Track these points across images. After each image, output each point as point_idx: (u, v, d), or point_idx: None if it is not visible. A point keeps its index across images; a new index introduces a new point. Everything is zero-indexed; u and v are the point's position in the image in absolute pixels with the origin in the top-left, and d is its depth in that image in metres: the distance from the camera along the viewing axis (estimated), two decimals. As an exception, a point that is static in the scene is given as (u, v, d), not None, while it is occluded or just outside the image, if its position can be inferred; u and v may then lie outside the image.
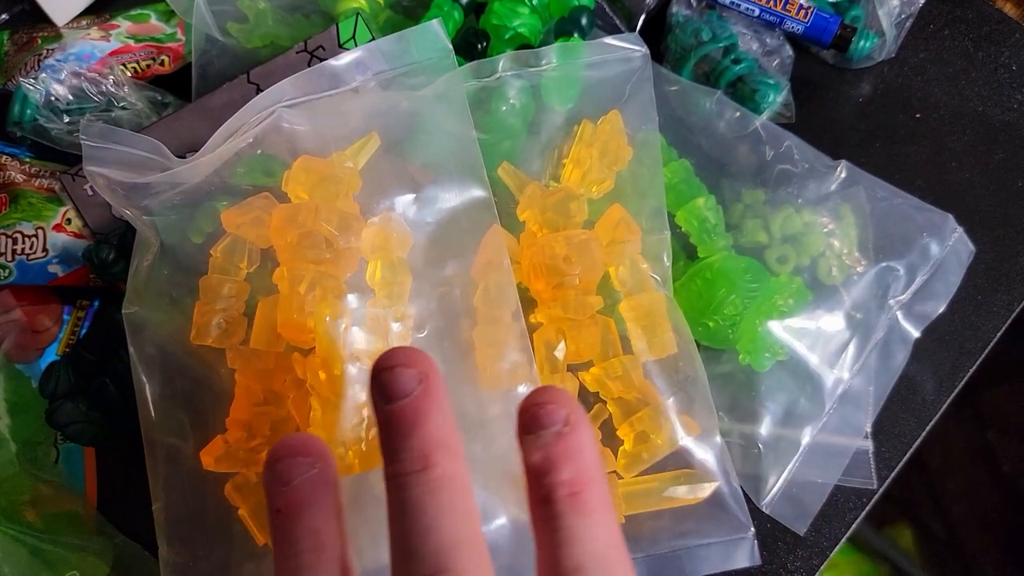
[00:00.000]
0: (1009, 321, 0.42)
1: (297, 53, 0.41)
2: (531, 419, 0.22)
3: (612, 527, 0.21)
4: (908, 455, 0.40)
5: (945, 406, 0.40)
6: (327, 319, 0.33)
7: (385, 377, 0.22)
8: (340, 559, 0.22)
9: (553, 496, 0.21)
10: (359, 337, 0.34)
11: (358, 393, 0.34)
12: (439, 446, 0.22)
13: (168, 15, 0.45)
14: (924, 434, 0.40)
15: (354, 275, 0.35)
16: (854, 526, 0.38)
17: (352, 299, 0.35)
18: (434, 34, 0.37)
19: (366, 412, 0.34)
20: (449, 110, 0.36)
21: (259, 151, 0.35)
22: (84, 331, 0.41)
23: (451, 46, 0.37)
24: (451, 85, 0.36)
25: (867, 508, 0.39)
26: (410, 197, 0.36)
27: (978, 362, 0.41)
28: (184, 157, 0.36)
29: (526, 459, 0.22)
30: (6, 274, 0.40)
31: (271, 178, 0.36)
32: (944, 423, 0.40)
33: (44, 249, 0.40)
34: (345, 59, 0.36)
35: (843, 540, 0.38)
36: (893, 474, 0.39)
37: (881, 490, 0.39)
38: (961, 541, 1.04)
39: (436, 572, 0.20)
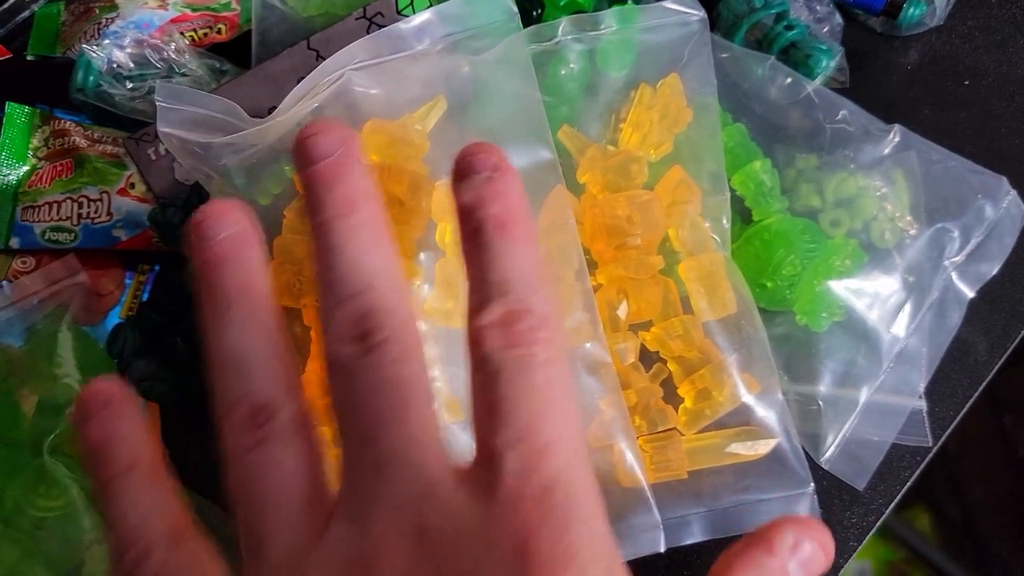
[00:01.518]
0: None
1: (356, 20, 0.41)
2: (464, 166, 0.24)
3: (536, 258, 0.23)
4: (961, 415, 0.40)
5: (998, 367, 0.41)
6: None
7: (308, 143, 0.24)
8: (266, 306, 0.23)
9: (483, 227, 0.22)
10: (430, 296, 0.35)
11: (430, 349, 0.34)
12: (361, 194, 0.23)
13: (223, -15, 0.46)
14: (977, 394, 0.41)
15: (424, 236, 0.36)
16: (909, 483, 0.39)
17: (423, 258, 0.35)
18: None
19: (438, 370, 0.35)
20: (514, 73, 0.37)
21: (328, 114, 0.36)
22: (146, 295, 0.42)
23: (516, 9, 0.37)
24: (515, 48, 0.37)
25: (922, 466, 0.39)
26: None
27: (1030, 324, 0.41)
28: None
29: (458, 201, 0.23)
30: (72, 238, 0.40)
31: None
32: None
33: (108, 213, 0.40)
34: (411, 23, 0.36)
35: (898, 497, 0.39)
36: (947, 433, 0.40)
37: (935, 449, 0.39)
38: (977, 524, 1.05)
39: (356, 294, 0.21)
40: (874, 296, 0.39)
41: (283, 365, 0.22)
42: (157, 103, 0.34)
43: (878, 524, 0.39)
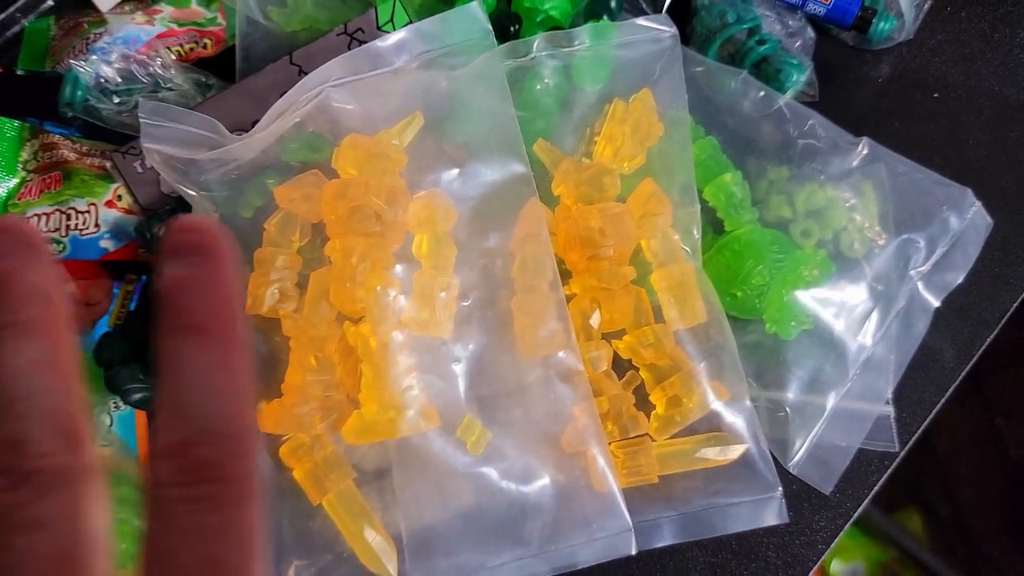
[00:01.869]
0: (1025, 293, 0.43)
1: (337, 35, 0.42)
2: (170, 246, 0.19)
3: (236, 373, 0.18)
4: (928, 421, 0.41)
5: (964, 374, 0.42)
6: (377, 288, 0.35)
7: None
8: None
9: (174, 332, 0.18)
10: (407, 306, 0.36)
11: (406, 358, 0.35)
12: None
13: (208, 0, 0.47)
14: (943, 402, 0.42)
15: (401, 248, 0.37)
16: (876, 488, 0.40)
17: (399, 270, 0.36)
18: (474, 15, 0.38)
19: (414, 378, 0.36)
20: (489, 89, 0.38)
21: (309, 129, 0.37)
22: (133, 304, 0.43)
23: (490, 27, 0.38)
24: (491, 64, 0.38)
25: (889, 471, 0.40)
26: (453, 173, 0.38)
27: (994, 331, 0.42)
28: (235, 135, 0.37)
29: (157, 287, 0.19)
30: (60, 248, 0.41)
31: (317, 154, 0.38)
32: (952, 408, 0.41)
33: (96, 224, 0.41)
34: (389, 40, 0.38)
35: (866, 501, 0.40)
36: (913, 439, 0.41)
37: (903, 454, 0.40)
38: (969, 525, 1.06)
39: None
40: (842, 305, 0.40)
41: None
42: (140, 120, 0.35)
43: (846, 528, 0.40)
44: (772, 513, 0.37)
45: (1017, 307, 0.43)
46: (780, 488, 0.37)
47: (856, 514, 0.40)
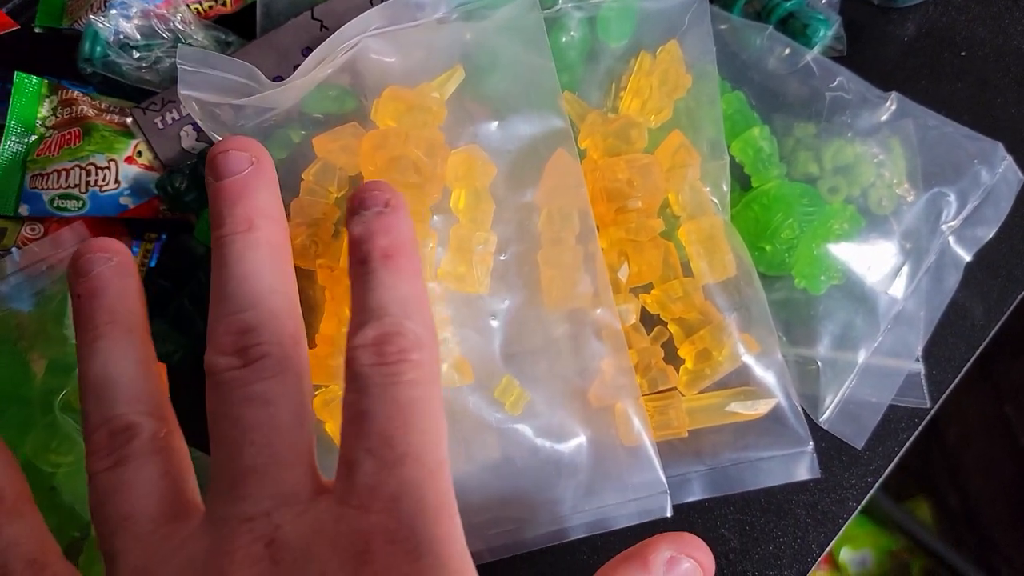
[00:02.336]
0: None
1: (359, -11, 0.42)
2: (357, 203, 0.25)
3: (419, 288, 0.23)
4: (959, 378, 0.41)
5: (994, 331, 0.41)
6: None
7: (217, 159, 0.25)
8: (136, 333, 0.24)
9: (369, 256, 0.23)
10: (444, 259, 0.35)
11: (442, 311, 0.35)
12: (264, 214, 0.24)
13: (227, -41, 0.46)
14: (974, 358, 0.41)
15: (439, 202, 0.36)
16: (907, 445, 0.40)
17: (438, 222, 0.36)
18: None
19: (450, 331, 0.35)
20: (527, 42, 0.37)
21: (344, 80, 0.36)
22: (153, 263, 0.42)
23: None
24: (528, 18, 0.37)
25: (919, 428, 0.40)
26: (492, 127, 0.37)
27: (1026, 289, 0.42)
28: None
29: (349, 233, 0.24)
30: (80, 205, 0.41)
31: (341, 106, 0.38)
32: (961, 397, 0.40)
33: (116, 181, 0.41)
34: None
35: (897, 458, 0.39)
36: (944, 396, 0.40)
37: (933, 411, 0.40)
38: (978, 514, 1.05)
39: (240, 310, 0.22)
40: (872, 260, 0.40)
41: (148, 387, 0.23)
42: (179, 66, 0.34)
43: (877, 484, 0.39)
44: (804, 467, 0.37)
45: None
46: (811, 443, 0.37)
47: (887, 472, 0.39)
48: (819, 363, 0.39)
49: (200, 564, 0.20)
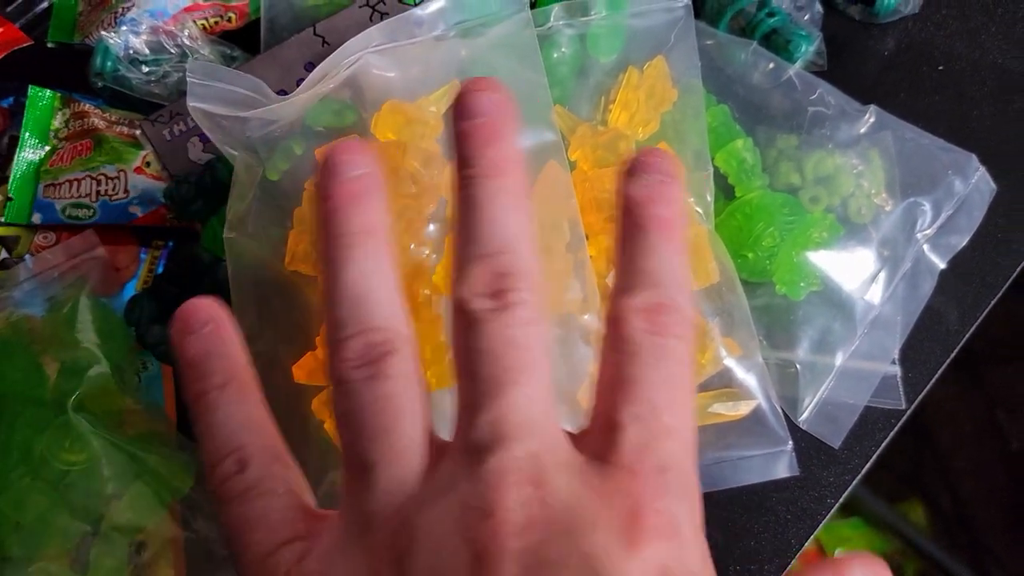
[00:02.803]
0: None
1: (359, 7, 0.44)
2: (639, 165, 0.24)
3: (688, 269, 0.23)
4: (933, 380, 0.42)
5: (968, 335, 0.43)
6: (411, 247, 0.36)
7: (471, 96, 0.24)
8: (388, 247, 0.23)
9: (648, 223, 0.23)
10: (439, 266, 0.37)
11: (436, 316, 0.36)
12: (513, 161, 0.24)
13: (232, -24, 0.48)
14: (947, 363, 0.43)
15: (435, 212, 0.38)
16: (884, 445, 0.41)
17: (434, 231, 0.38)
18: None
19: (442, 337, 0.37)
20: (522, 57, 0.39)
21: (345, 94, 0.38)
22: (160, 269, 0.44)
23: None
24: (523, 32, 0.39)
25: (895, 429, 0.41)
26: None
27: (998, 295, 0.44)
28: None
29: (628, 192, 0.23)
30: (91, 214, 0.42)
31: (341, 120, 0.39)
32: (953, 401, 0.42)
33: (125, 190, 0.43)
34: (428, 9, 0.39)
35: (873, 458, 0.41)
36: (919, 398, 0.42)
37: (908, 412, 0.42)
38: (971, 517, 1.07)
39: (498, 252, 0.22)
40: (850, 267, 0.41)
41: (401, 308, 0.22)
42: (189, 79, 0.36)
43: (855, 482, 0.41)
44: (783, 466, 0.39)
45: (1018, 297, 0.44)
46: (791, 442, 0.39)
47: (864, 470, 0.41)
48: (798, 366, 0.40)
49: (466, 495, 0.19)
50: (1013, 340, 1.09)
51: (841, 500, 0.41)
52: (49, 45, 0.47)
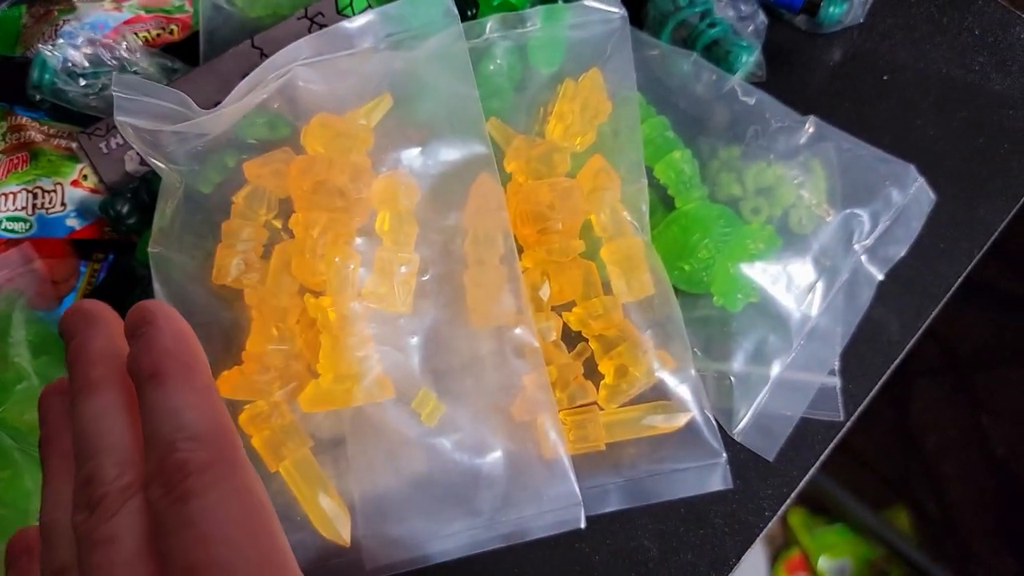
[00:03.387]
0: (969, 268, 0.44)
1: (298, 19, 0.44)
2: (127, 329, 0.23)
3: (191, 391, 0.22)
4: (874, 392, 0.42)
5: (910, 346, 0.43)
6: (336, 260, 0.36)
7: (63, 319, 0.24)
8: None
9: (139, 384, 0.22)
10: (367, 280, 0.37)
11: (363, 330, 0.36)
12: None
13: (176, -12, 0.48)
14: (889, 373, 0.43)
15: (366, 224, 0.38)
16: (823, 456, 0.41)
17: (361, 244, 0.38)
18: None
19: (371, 349, 0.37)
20: (452, 70, 0.39)
21: (273, 107, 0.38)
22: (99, 281, 0.44)
23: (455, 10, 0.39)
24: (454, 45, 0.39)
25: (834, 441, 0.41)
26: (416, 152, 0.39)
27: (940, 304, 0.43)
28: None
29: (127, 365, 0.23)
30: (27, 227, 0.42)
31: (275, 133, 0.39)
32: (939, 407, 0.41)
33: (62, 203, 0.42)
34: (356, 22, 0.39)
35: (811, 470, 0.41)
36: (860, 409, 0.42)
37: (848, 424, 0.41)
38: (957, 523, 1.06)
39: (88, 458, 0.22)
40: (787, 278, 0.41)
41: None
42: (114, 93, 0.36)
43: (793, 495, 0.40)
44: (717, 478, 0.38)
45: (1004, 303, 0.44)
46: (724, 455, 0.38)
47: (802, 483, 0.41)
48: (733, 378, 0.40)
49: None
50: (998, 345, 1.09)
51: (779, 513, 0.40)
52: (-9, 58, 0.47)
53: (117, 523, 0.20)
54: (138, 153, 0.42)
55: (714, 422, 0.39)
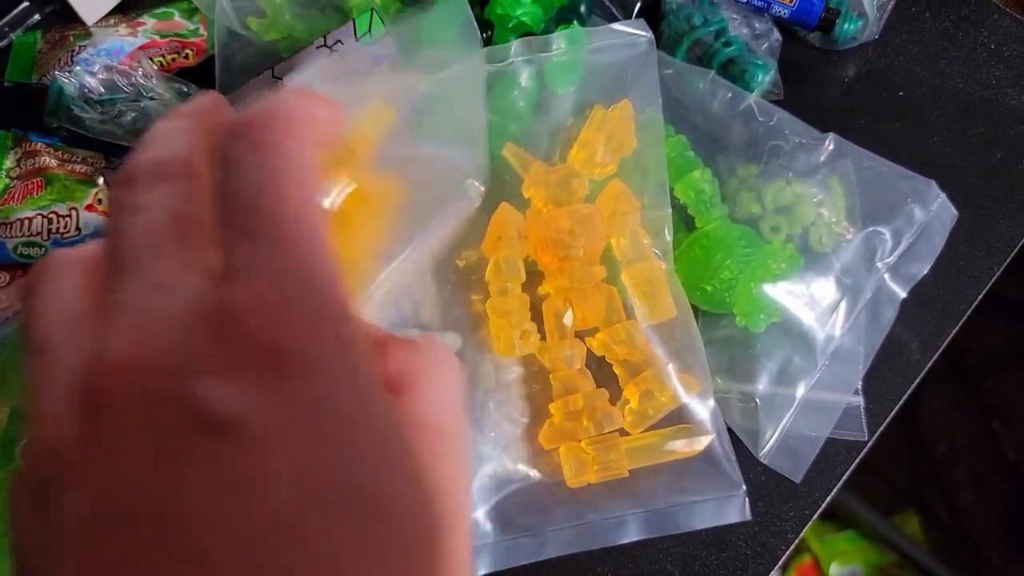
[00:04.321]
0: (988, 285, 0.44)
1: (317, 48, 0.43)
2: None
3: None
4: (895, 411, 0.42)
5: (929, 364, 0.43)
6: None
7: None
8: None
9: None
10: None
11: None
12: None
13: (191, 12, 0.48)
14: (909, 392, 0.42)
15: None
16: (845, 477, 0.41)
17: None
18: (462, 16, 0.39)
19: None
20: (466, 92, 0.39)
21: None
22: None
23: (479, 33, 0.39)
24: (473, 69, 0.39)
25: (857, 460, 0.41)
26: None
27: (960, 322, 0.43)
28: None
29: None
30: (42, 252, 0.42)
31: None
32: (950, 412, 0.41)
33: (77, 228, 0.42)
34: (372, 45, 0.39)
35: (834, 491, 0.41)
36: (881, 429, 0.42)
37: (869, 444, 0.41)
38: (967, 528, 1.06)
39: None
40: (810, 297, 0.41)
41: None
42: None
43: (814, 516, 0.40)
44: (735, 511, 0.38)
45: (1014, 310, 0.44)
46: (743, 487, 0.38)
47: (824, 504, 0.40)
48: (758, 399, 0.40)
49: None
50: (1008, 351, 1.09)
51: (800, 534, 0.40)
52: (6, 84, 0.47)
53: (149, 197, 0.17)
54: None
55: (732, 452, 0.39)
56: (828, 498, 0.40)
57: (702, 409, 0.38)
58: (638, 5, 0.47)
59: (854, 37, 0.47)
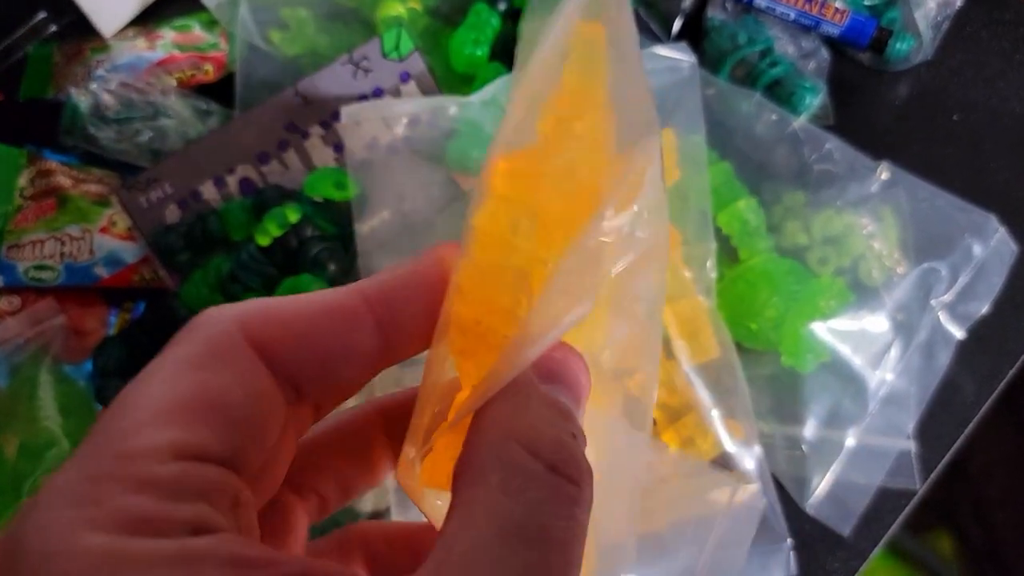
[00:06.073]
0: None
1: (342, 65, 0.41)
2: None
3: None
4: (947, 458, 0.40)
5: (985, 408, 0.40)
6: None
7: None
8: None
9: None
10: None
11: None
12: None
13: (211, 25, 0.46)
14: (963, 437, 0.40)
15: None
16: (893, 527, 0.39)
17: None
18: None
19: None
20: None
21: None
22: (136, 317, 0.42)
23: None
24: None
25: (906, 510, 0.39)
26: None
27: (1018, 363, 0.41)
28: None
29: None
30: (54, 276, 0.40)
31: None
32: (985, 429, 0.39)
33: (90, 251, 0.41)
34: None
35: (882, 542, 0.38)
36: (932, 476, 0.39)
37: (920, 493, 0.39)
38: (1001, 549, 1.03)
39: None
40: (860, 336, 0.39)
41: None
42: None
43: (862, 569, 0.38)
44: (779, 566, 0.36)
45: None
46: (789, 539, 0.36)
47: (872, 555, 0.38)
48: (805, 445, 0.38)
49: None
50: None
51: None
52: (22, 100, 0.45)
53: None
54: (180, 206, 0.40)
55: (777, 502, 0.36)
56: (875, 549, 0.38)
57: (747, 456, 0.36)
58: (678, 23, 0.45)
59: (907, 57, 0.45)
